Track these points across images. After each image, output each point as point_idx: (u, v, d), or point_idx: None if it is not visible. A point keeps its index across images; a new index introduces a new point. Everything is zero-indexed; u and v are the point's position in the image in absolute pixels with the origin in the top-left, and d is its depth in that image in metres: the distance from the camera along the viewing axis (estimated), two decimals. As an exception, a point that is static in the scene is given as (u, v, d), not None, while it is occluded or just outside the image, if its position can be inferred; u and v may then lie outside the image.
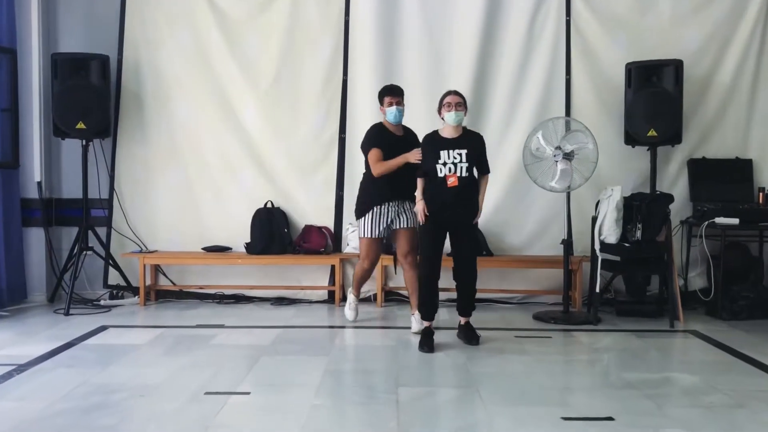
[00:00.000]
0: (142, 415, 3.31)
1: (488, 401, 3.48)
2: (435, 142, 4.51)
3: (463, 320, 4.71)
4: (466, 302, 4.70)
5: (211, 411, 3.32)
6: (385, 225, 4.93)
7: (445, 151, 4.44)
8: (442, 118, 4.56)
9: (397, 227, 4.95)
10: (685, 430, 3.09)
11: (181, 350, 4.51)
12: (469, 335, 4.64)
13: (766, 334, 5.03)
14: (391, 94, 4.94)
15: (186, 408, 3.39)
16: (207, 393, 3.59)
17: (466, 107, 4.57)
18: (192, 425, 3.16)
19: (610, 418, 3.23)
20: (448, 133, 4.53)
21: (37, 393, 3.61)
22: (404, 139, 4.93)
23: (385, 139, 4.89)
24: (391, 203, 4.90)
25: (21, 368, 4.04)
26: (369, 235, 4.96)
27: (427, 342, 4.51)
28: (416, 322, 4.86)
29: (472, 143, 4.52)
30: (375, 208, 4.91)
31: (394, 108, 4.89)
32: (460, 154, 4.42)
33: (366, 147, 4.91)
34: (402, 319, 5.43)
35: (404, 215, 4.94)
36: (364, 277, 5.31)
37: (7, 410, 3.34)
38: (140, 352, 4.52)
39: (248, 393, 3.61)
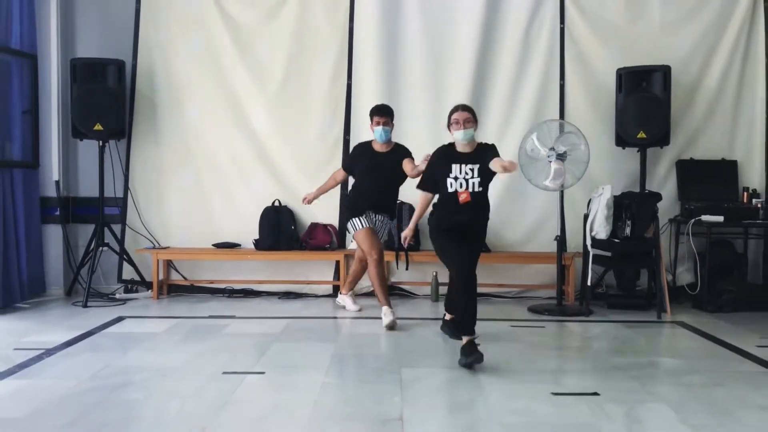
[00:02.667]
0: (166, 392, 3.61)
1: (485, 380, 3.77)
2: (447, 155, 4.36)
3: (465, 338, 4.09)
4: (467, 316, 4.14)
5: (230, 388, 3.60)
6: (370, 220, 5.34)
7: (457, 165, 4.28)
8: (452, 134, 4.42)
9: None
10: (665, 405, 3.38)
11: (197, 338, 4.80)
12: (470, 353, 3.98)
13: (748, 324, 5.31)
14: (379, 114, 5.29)
15: (206, 386, 3.67)
16: (225, 373, 3.88)
17: (475, 121, 4.40)
18: (212, 400, 3.44)
19: (596, 394, 3.52)
20: (461, 147, 4.37)
21: (68, 373, 3.90)
22: (389, 154, 5.30)
23: (363, 157, 5.35)
24: (369, 213, 5.32)
25: (49, 352, 4.33)
26: (362, 226, 5.30)
27: (474, 354, 3.96)
28: (386, 315, 5.11)
29: (485, 156, 4.26)
30: (356, 215, 5.35)
31: (380, 128, 5.25)
32: (472, 170, 4.25)
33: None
34: (403, 311, 5.72)
35: (383, 229, 5.43)
36: (380, 273, 5.28)
37: (44, 387, 3.62)
38: (158, 339, 4.81)
39: (263, 373, 3.90)
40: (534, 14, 6.40)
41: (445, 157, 4.36)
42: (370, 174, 5.35)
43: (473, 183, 4.26)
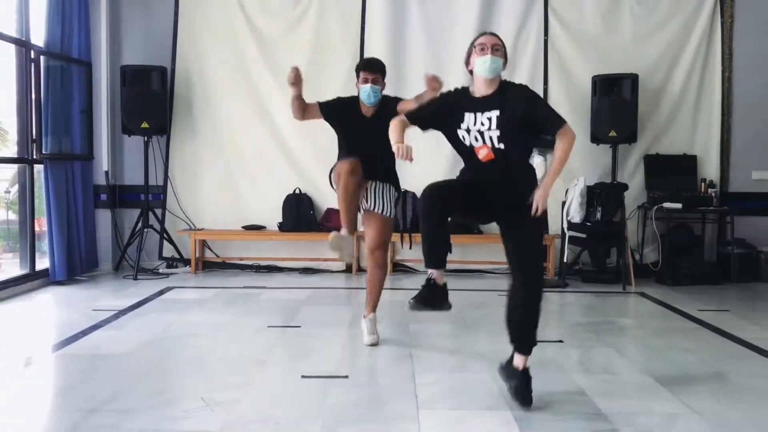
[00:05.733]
0: (226, 339, 4.61)
1: (474, 331, 4.79)
2: (461, 98, 3.29)
3: (519, 362, 3.40)
4: (523, 328, 3.43)
5: (275, 337, 4.62)
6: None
7: (471, 114, 3.21)
8: (471, 71, 3.33)
9: (368, 208, 4.25)
10: (612, 348, 4.40)
11: (238, 302, 5.81)
12: (523, 387, 3.33)
13: (697, 295, 6.31)
14: (368, 68, 4.15)
15: (256, 335, 4.69)
16: (269, 326, 4.89)
17: (506, 56, 3.35)
18: (264, 344, 4.45)
19: (560, 341, 4.54)
20: (479, 91, 3.29)
21: (144, 327, 4.90)
22: (379, 117, 4.01)
23: (346, 117, 4.27)
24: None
25: (122, 312, 5.33)
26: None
27: (432, 299, 3.48)
28: (367, 333, 4.35)
29: (510, 101, 3.20)
30: None
31: (368, 86, 4.12)
32: (489, 119, 3.17)
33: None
34: (408, 284, 6.72)
35: (379, 198, 4.23)
36: (350, 200, 4.11)
37: (129, 335, 4.63)
38: (206, 304, 5.81)
39: (300, 326, 4.91)
40: (522, 26, 7.37)
41: (458, 99, 3.30)
42: (355, 142, 4.25)
43: (490, 138, 3.19)
